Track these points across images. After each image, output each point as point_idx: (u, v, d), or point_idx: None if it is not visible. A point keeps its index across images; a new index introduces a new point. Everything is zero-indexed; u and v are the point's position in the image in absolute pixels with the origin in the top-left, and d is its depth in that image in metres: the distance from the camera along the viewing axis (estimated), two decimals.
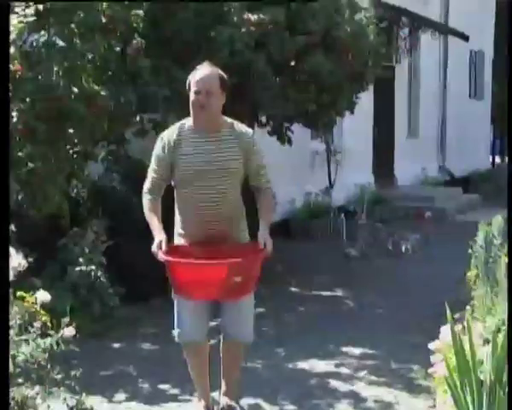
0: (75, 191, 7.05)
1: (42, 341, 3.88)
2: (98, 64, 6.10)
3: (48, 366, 3.85)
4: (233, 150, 4.15)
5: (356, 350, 5.92)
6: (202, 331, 4.26)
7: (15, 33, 5.53)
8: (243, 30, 6.81)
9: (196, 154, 4.12)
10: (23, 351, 3.79)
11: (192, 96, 4.10)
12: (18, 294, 3.94)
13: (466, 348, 3.52)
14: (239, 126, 4.24)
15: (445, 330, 4.09)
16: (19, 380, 3.75)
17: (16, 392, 3.67)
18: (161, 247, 3.99)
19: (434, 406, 4.45)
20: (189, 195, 4.14)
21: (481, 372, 3.52)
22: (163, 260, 3.97)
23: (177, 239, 4.28)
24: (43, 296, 4.02)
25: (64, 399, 3.90)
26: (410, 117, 15.37)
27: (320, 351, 5.86)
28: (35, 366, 3.83)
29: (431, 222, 10.88)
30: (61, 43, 5.77)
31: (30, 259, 4.11)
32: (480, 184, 15.70)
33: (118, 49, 6.29)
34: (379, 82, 9.82)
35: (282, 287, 7.87)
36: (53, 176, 5.79)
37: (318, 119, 8.05)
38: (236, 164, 4.16)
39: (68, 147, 6.09)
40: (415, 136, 15.34)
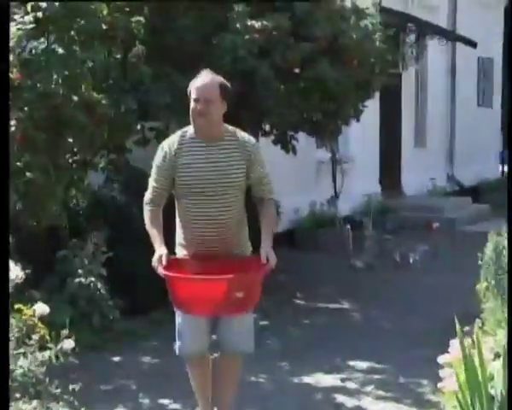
0: (74, 201, 7.01)
1: (40, 354, 3.83)
2: (98, 72, 6.03)
3: (46, 381, 3.81)
4: (235, 159, 4.08)
5: (363, 364, 5.83)
6: (203, 344, 4.20)
7: (14, 41, 5.47)
8: (247, 37, 6.73)
9: (197, 163, 4.05)
10: (21, 364, 3.75)
11: (191, 103, 4.07)
12: (16, 306, 3.90)
13: (476, 363, 3.42)
14: (241, 134, 4.18)
15: (455, 343, 3.98)
16: (16, 395, 3.70)
17: (14, 407, 3.62)
18: (162, 261, 3.94)
19: None
20: (190, 206, 4.07)
21: (492, 387, 3.44)
22: (163, 275, 3.92)
23: (178, 250, 4.23)
24: (41, 309, 3.99)
25: None
26: (418, 125, 15.26)
27: (325, 365, 5.78)
28: (33, 380, 3.77)
29: (439, 233, 10.70)
30: (61, 50, 5.70)
31: (28, 271, 4.09)
32: (490, 194, 15.51)
33: (118, 56, 6.25)
34: (385, 90, 9.70)
35: (287, 298, 7.78)
36: (52, 186, 5.73)
37: (323, 127, 7.95)
38: (239, 174, 4.09)
39: (68, 156, 6.07)
40: (422, 144, 15.22)
